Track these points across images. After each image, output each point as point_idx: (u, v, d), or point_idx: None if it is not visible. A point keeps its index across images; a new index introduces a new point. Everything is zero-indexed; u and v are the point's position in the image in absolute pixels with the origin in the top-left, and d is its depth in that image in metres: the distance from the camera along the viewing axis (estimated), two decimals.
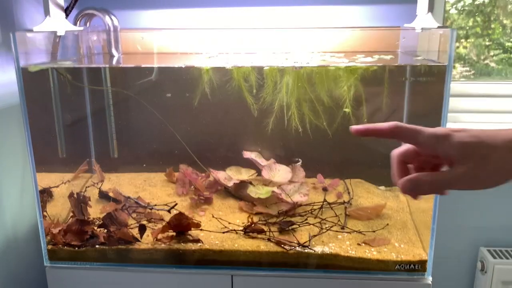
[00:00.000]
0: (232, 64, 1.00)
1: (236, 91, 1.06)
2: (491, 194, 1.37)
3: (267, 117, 1.07)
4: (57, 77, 1.06)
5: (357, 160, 1.17)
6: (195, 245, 0.92)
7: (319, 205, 1.05)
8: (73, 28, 1.04)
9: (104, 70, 1.14)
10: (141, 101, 1.15)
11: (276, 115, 1.07)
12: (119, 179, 1.20)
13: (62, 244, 0.94)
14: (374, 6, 1.21)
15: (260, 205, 1.05)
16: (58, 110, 1.08)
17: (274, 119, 1.07)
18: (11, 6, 1.00)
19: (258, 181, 1.14)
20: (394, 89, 1.07)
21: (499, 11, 1.41)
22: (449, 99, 0.82)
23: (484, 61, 1.45)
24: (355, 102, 1.03)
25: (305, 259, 0.89)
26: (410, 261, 0.87)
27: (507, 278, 1.33)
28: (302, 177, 1.14)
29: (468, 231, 1.42)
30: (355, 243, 0.91)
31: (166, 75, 1.10)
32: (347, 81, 1.00)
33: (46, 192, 1.01)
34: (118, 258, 0.93)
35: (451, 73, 0.81)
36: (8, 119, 1.00)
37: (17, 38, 0.84)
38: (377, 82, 1.04)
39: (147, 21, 1.26)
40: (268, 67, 1.02)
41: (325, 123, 1.07)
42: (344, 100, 1.03)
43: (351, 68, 0.98)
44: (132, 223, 1.00)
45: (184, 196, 1.12)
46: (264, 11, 1.23)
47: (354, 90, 1.00)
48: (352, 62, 0.96)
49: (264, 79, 1.03)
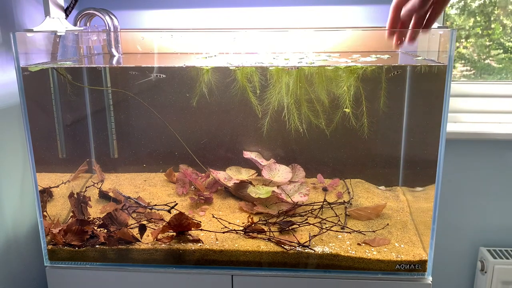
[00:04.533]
0: (232, 63, 1.00)
1: (236, 91, 1.06)
2: (491, 194, 1.38)
3: (268, 117, 1.07)
4: (57, 77, 1.06)
5: (357, 160, 1.17)
6: (195, 245, 0.92)
7: (319, 205, 1.05)
8: (73, 28, 1.04)
9: (104, 70, 1.14)
10: (141, 101, 1.15)
11: (276, 115, 1.07)
12: (119, 179, 1.20)
13: (62, 244, 0.94)
14: (374, 6, 1.21)
15: (260, 205, 1.05)
16: (58, 110, 1.08)
17: (274, 119, 1.07)
18: (11, 6, 1.00)
19: (258, 181, 1.14)
20: (394, 89, 1.07)
21: (499, 11, 1.41)
22: (449, 99, 0.82)
23: (485, 60, 1.45)
24: (354, 102, 1.03)
25: (305, 259, 0.89)
26: (410, 261, 0.87)
27: (507, 278, 1.33)
28: (302, 177, 1.14)
29: (468, 231, 1.42)
30: (355, 243, 0.91)
31: (166, 75, 1.10)
32: (347, 81, 1.00)
33: (46, 192, 1.01)
34: (118, 258, 0.93)
35: (451, 73, 0.81)
36: (8, 119, 1.00)
37: (17, 38, 0.84)
38: (377, 82, 1.04)
39: (147, 21, 1.26)
40: (273, 67, 1.02)
41: (323, 123, 1.07)
42: (344, 100, 1.03)
43: (351, 68, 0.98)
44: (132, 223, 1.00)
45: (184, 196, 1.12)
46: (264, 11, 1.23)
47: (353, 90, 1.00)
48: (352, 62, 0.96)
49: (268, 79, 1.03)
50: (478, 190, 1.38)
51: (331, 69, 1.01)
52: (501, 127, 1.34)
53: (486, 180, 1.37)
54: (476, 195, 1.39)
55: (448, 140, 1.31)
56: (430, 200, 0.88)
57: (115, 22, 1.10)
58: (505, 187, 1.37)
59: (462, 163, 1.36)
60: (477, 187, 1.38)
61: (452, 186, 1.37)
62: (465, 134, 1.32)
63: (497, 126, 1.35)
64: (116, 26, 1.10)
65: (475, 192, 1.39)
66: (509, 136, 1.31)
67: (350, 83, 1.00)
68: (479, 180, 1.37)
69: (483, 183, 1.37)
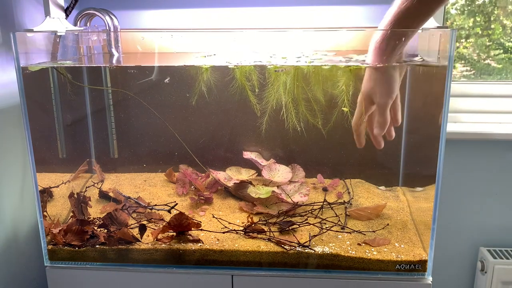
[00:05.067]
0: (231, 61, 1.00)
1: (236, 91, 1.06)
2: (491, 194, 1.38)
3: (267, 117, 1.07)
4: (57, 77, 1.06)
5: (357, 160, 1.17)
6: (195, 245, 0.92)
7: (319, 205, 1.05)
8: (73, 28, 1.04)
9: (104, 70, 1.14)
10: (141, 101, 1.15)
11: (275, 115, 1.07)
12: (119, 179, 1.20)
13: (62, 244, 0.94)
14: (374, 6, 1.21)
15: (260, 205, 1.05)
16: (58, 110, 1.08)
17: (273, 119, 1.07)
18: (11, 6, 1.00)
19: (258, 181, 1.14)
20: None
21: (499, 11, 1.41)
22: (449, 99, 0.82)
23: (485, 60, 1.45)
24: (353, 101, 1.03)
25: (305, 259, 0.89)
26: (410, 261, 0.87)
27: (507, 278, 1.33)
28: (302, 177, 1.14)
29: (468, 231, 1.42)
30: (355, 243, 0.91)
31: (166, 75, 1.10)
32: (347, 81, 1.00)
33: (46, 192, 1.01)
34: (118, 258, 0.93)
35: (451, 73, 0.81)
36: (8, 119, 1.00)
37: (17, 38, 0.84)
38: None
39: (147, 21, 1.26)
40: (271, 66, 1.02)
41: (321, 122, 1.07)
42: (342, 100, 1.03)
43: (350, 68, 0.98)
44: (132, 223, 1.00)
45: (184, 196, 1.12)
46: (264, 11, 1.23)
47: (352, 89, 1.00)
48: (348, 61, 0.96)
49: (267, 78, 1.03)
50: (478, 190, 1.38)
51: (327, 68, 1.01)
52: (501, 127, 1.34)
53: (486, 180, 1.37)
54: (476, 195, 1.39)
55: (448, 140, 1.31)
56: (430, 200, 0.88)
57: (115, 22, 1.10)
58: (505, 187, 1.37)
59: (462, 163, 1.36)
60: (477, 187, 1.38)
61: (452, 186, 1.37)
62: (465, 134, 1.32)
63: (497, 126, 1.35)
64: (116, 26, 1.10)
65: (475, 192, 1.39)
66: (509, 136, 1.31)
67: (348, 83, 1.00)
68: (479, 180, 1.37)
69: (483, 183, 1.37)
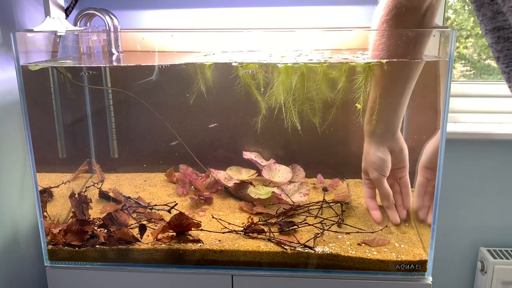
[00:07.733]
0: (233, 59, 1.00)
1: (236, 90, 1.06)
2: (491, 194, 1.38)
3: (267, 117, 1.07)
4: (57, 77, 1.06)
5: (357, 160, 1.17)
6: (195, 245, 0.92)
7: (318, 205, 1.05)
8: (73, 28, 1.04)
9: (104, 70, 1.14)
10: (141, 101, 1.15)
11: (276, 115, 1.07)
12: (119, 179, 1.20)
13: (62, 244, 0.94)
14: (374, 6, 1.21)
15: (260, 205, 1.05)
16: (58, 110, 1.08)
17: (273, 119, 1.07)
18: (11, 6, 1.00)
19: (258, 181, 1.14)
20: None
21: None
22: (449, 99, 0.82)
23: (485, 60, 1.45)
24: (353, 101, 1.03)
25: (306, 259, 0.89)
26: (410, 261, 0.87)
27: (507, 278, 1.33)
28: (302, 177, 1.14)
29: (468, 231, 1.42)
30: (355, 243, 0.91)
31: (166, 75, 1.10)
32: (345, 80, 1.00)
33: (46, 192, 1.01)
34: (118, 258, 0.93)
35: (451, 73, 0.81)
36: (8, 119, 1.00)
37: (17, 38, 0.84)
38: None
39: (147, 21, 1.26)
40: (280, 64, 1.02)
41: (318, 122, 1.07)
42: (340, 99, 1.03)
43: (350, 67, 0.98)
44: (132, 223, 1.00)
45: (184, 196, 1.12)
46: (264, 11, 1.23)
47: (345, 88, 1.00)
48: (344, 59, 0.96)
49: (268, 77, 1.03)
50: (478, 190, 1.38)
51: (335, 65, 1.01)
52: (501, 127, 1.34)
53: (486, 180, 1.37)
54: (476, 195, 1.39)
55: (448, 140, 1.31)
56: (430, 200, 0.88)
57: (115, 22, 1.10)
58: (505, 187, 1.37)
59: (462, 163, 1.36)
60: (477, 187, 1.38)
61: (452, 186, 1.37)
62: (465, 134, 1.32)
63: (497, 126, 1.35)
64: (116, 26, 1.10)
65: (475, 192, 1.39)
66: (509, 136, 1.31)
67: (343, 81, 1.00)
68: (479, 180, 1.37)
69: (483, 183, 1.37)
